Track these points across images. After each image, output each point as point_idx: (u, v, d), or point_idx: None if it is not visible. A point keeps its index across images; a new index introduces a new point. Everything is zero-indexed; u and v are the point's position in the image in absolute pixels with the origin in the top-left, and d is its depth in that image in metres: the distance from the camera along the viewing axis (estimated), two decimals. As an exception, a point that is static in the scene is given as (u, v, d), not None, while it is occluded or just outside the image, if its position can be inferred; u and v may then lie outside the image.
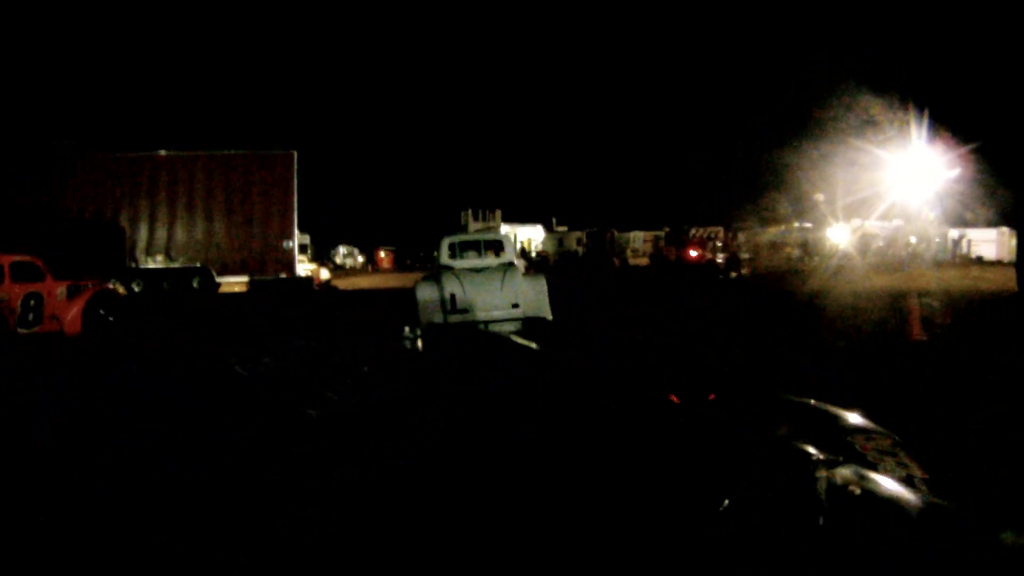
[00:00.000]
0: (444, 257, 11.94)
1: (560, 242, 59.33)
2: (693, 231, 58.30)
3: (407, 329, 3.77)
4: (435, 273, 11.66)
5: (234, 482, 1.86)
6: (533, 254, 54.16)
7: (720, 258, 32.64)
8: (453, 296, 10.50)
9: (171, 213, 27.35)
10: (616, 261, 52.14)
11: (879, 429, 2.42)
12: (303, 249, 68.29)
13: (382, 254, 63.46)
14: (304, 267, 33.96)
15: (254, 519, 1.69)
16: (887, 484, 1.73)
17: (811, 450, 1.92)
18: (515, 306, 10.71)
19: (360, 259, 65.16)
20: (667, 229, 59.89)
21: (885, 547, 1.46)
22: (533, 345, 3.00)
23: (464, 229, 65.91)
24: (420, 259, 64.07)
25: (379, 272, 50.22)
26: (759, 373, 7.11)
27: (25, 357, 10.51)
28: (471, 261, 11.87)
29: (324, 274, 34.78)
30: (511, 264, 11.53)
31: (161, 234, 27.31)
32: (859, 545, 1.49)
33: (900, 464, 2.21)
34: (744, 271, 31.12)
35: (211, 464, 2.01)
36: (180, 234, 27.41)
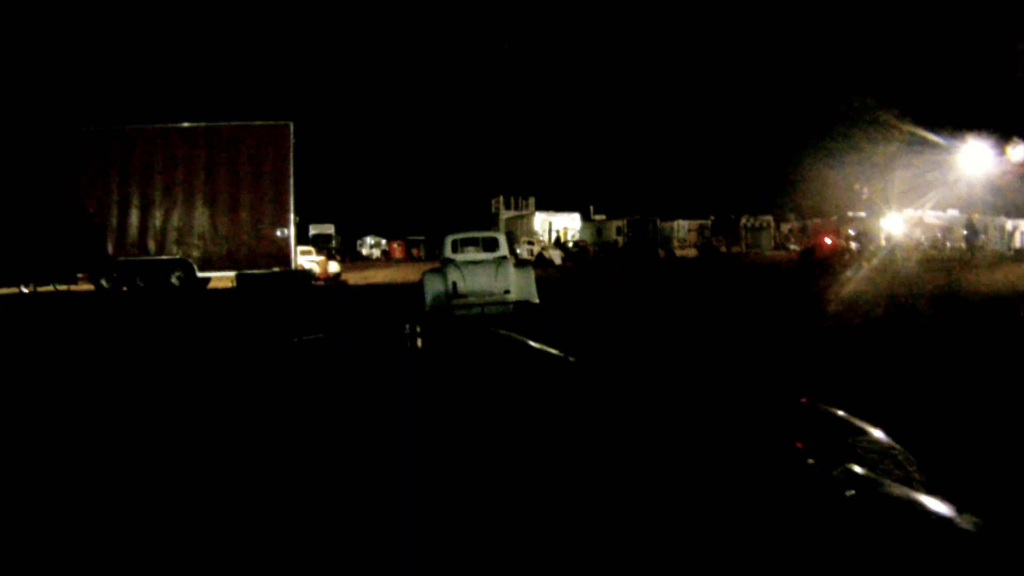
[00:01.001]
0: (447, 251, 13.56)
1: (599, 231, 55.10)
2: (744, 219, 54.06)
3: (407, 327, 2.97)
4: (440, 265, 13.30)
5: (233, 482, 1.65)
6: (570, 244, 49.53)
7: (853, 246, 27.70)
8: (455, 284, 12.39)
9: (145, 197, 23.22)
10: (661, 252, 47.60)
11: (886, 438, 2.43)
12: (327, 239, 67.09)
13: (395, 245, 64.08)
14: (310, 259, 30.02)
15: (254, 519, 1.48)
16: (889, 487, 1.79)
17: (812, 449, 2.06)
18: (507, 292, 12.44)
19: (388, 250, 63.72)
20: (712, 217, 55.41)
21: (884, 549, 1.42)
22: (553, 351, 2.82)
23: (495, 218, 62.87)
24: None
25: (393, 264, 46.41)
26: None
27: None
28: (470, 255, 13.45)
29: (333, 267, 30.69)
30: (504, 257, 13.26)
31: (134, 222, 23.21)
32: (858, 547, 1.42)
33: (898, 466, 2.25)
34: (874, 260, 26.88)
35: (210, 464, 1.73)
36: (156, 222, 23.24)
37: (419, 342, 2.95)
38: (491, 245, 13.81)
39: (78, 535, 1.49)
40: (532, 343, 2.91)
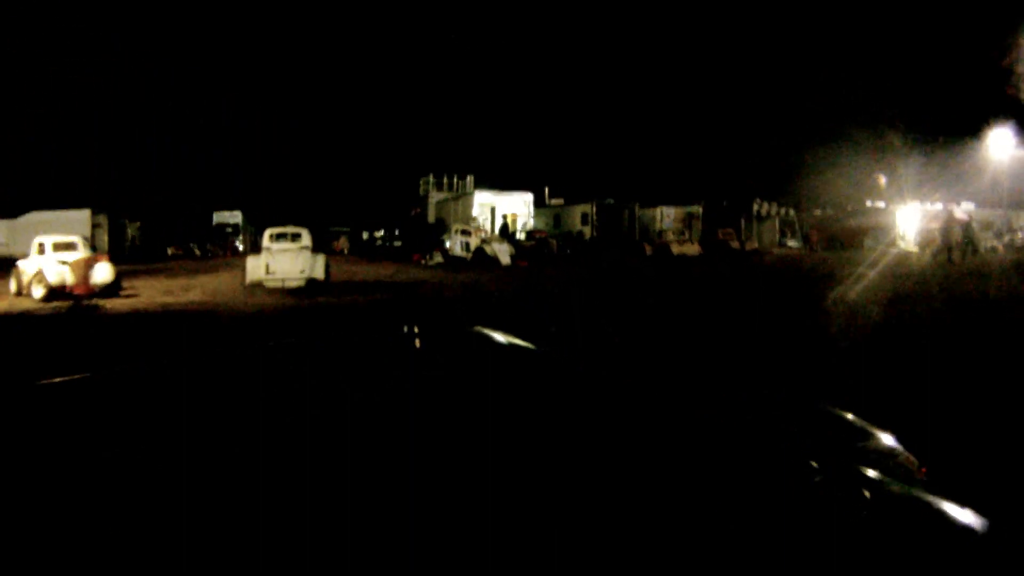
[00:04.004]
0: (266, 242, 19.84)
1: (557, 219, 42.36)
2: (756, 205, 42.07)
3: (405, 328, 3.01)
4: (259, 250, 20.01)
5: (233, 481, 1.64)
6: (522, 235, 36.36)
7: None
8: (268, 264, 18.57)
9: None
10: (647, 247, 34.85)
11: (892, 440, 2.44)
12: (234, 230, 53.10)
13: None
14: (61, 257, 16.43)
15: (254, 519, 1.50)
16: (892, 487, 1.80)
17: (817, 452, 2.04)
18: (302, 271, 18.75)
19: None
20: (703, 202, 43.08)
21: (886, 550, 1.44)
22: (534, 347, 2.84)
23: (424, 200, 49.44)
24: (369, 243, 56.10)
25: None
26: None
27: None
28: (282, 244, 19.69)
29: (102, 273, 16.89)
30: (304, 247, 19.70)
31: None
32: (858, 547, 1.44)
33: (899, 465, 2.27)
34: None
35: (210, 464, 1.71)
36: None
37: (417, 342, 2.87)
38: (297, 237, 19.99)
39: (79, 535, 1.47)
40: (517, 340, 2.85)
